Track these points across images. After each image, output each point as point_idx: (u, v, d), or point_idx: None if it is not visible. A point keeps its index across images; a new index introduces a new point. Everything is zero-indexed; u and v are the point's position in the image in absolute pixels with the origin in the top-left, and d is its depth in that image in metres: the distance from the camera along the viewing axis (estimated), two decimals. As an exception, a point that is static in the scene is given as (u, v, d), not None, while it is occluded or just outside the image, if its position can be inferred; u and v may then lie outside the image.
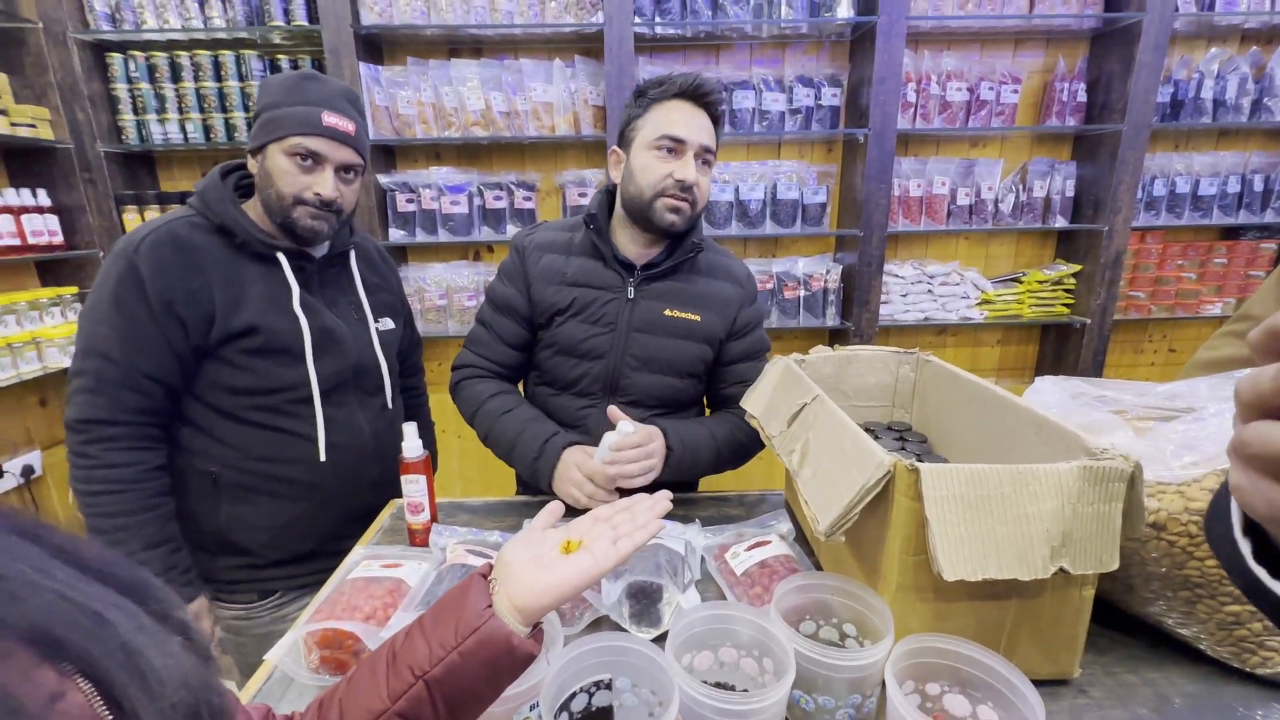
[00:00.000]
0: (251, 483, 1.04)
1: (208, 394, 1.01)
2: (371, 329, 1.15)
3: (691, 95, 1.02)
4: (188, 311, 0.95)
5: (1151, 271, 2.22)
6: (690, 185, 1.02)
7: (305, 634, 0.69)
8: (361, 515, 1.09)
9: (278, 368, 1.01)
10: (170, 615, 0.28)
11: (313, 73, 1.01)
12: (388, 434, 1.15)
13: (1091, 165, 2.13)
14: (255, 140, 0.99)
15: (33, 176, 1.90)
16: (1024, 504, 0.57)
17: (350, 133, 1.00)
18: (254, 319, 0.98)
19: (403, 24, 1.89)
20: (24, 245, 1.79)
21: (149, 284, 0.93)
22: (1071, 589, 0.63)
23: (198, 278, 0.96)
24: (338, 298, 1.12)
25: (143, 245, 0.94)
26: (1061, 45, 2.14)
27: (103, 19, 1.86)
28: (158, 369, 0.95)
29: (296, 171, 0.98)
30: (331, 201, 1.00)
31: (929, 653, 0.58)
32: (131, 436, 0.96)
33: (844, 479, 0.64)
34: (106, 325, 0.93)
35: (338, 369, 1.07)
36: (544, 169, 2.17)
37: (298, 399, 1.04)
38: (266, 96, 0.98)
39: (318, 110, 0.97)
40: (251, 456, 1.03)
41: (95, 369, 0.93)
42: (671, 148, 1.01)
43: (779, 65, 2.13)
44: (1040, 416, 0.70)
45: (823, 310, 2.19)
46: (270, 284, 1.01)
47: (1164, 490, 0.65)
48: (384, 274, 1.23)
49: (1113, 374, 2.43)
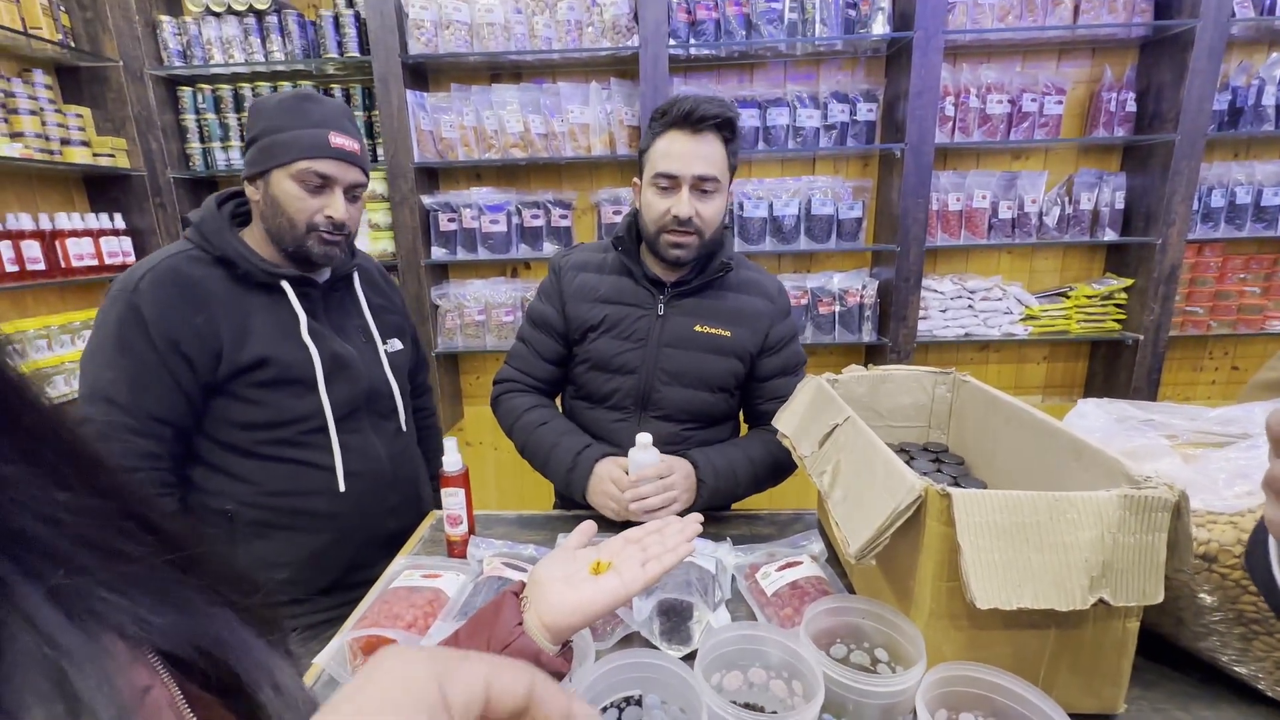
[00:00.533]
0: (269, 518, 1.01)
1: (218, 431, 0.97)
2: (380, 351, 1.12)
3: (685, 123, 0.99)
4: (194, 349, 0.92)
5: (1211, 285, 2.11)
6: (687, 219, 1.02)
7: (350, 639, 0.72)
8: (383, 542, 1.08)
9: (290, 399, 0.99)
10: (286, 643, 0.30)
11: (310, 92, 0.98)
12: (404, 458, 1.15)
13: (1142, 176, 2.05)
14: (255, 166, 0.95)
15: (110, 201, 2.05)
16: (1061, 532, 0.56)
17: (356, 152, 0.98)
18: (263, 351, 0.96)
19: (447, 53, 1.97)
20: (101, 265, 1.93)
21: (152, 324, 0.89)
22: (1114, 620, 0.61)
23: (202, 313, 0.93)
24: (344, 322, 1.09)
25: (142, 284, 0.91)
26: (1108, 54, 2.08)
27: (175, 55, 2.01)
28: (167, 411, 0.92)
29: (306, 196, 0.95)
30: (343, 224, 0.98)
31: (963, 681, 0.57)
32: (145, 483, 0.91)
33: (875, 502, 0.64)
34: (111, 369, 0.89)
35: (350, 395, 1.05)
36: (580, 188, 2.22)
37: (312, 429, 1.01)
38: (263, 120, 0.95)
39: (324, 132, 0.94)
40: (267, 491, 1.00)
41: (103, 415, 0.89)
42: (666, 185, 1.02)
43: (813, 81, 2.14)
44: (1081, 441, 0.69)
45: (859, 326, 2.17)
46: (277, 314, 0.99)
47: (1215, 520, 0.63)
48: (387, 294, 1.21)
49: (1170, 391, 2.32)
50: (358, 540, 1.07)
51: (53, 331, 1.80)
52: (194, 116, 2.08)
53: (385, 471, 1.10)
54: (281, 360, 0.97)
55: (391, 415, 1.15)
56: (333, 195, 0.97)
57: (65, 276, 1.83)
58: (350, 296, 1.13)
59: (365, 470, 1.07)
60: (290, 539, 1.02)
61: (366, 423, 1.09)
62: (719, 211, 1.06)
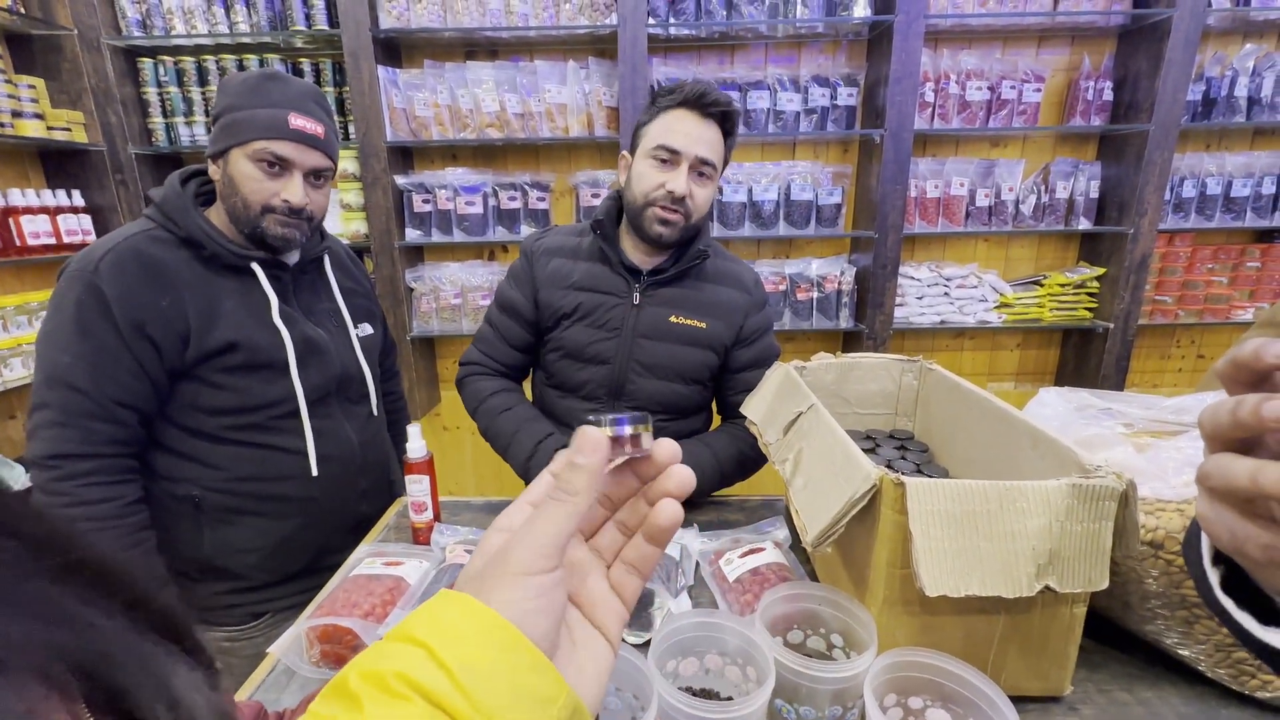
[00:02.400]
0: (237, 504, 0.99)
1: (184, 417, 0.95)
2: (352, 335, 1.11)
3: (696, 105, 1.00)
4: (160, 332, 0.89)
5: (1179, 275, 2.15)
6: (681, 197, 1.01)
7: (307, 629, 0.71)
8: (353, 526, 1.08)
9: (260, 384, 0.97)
10: (198, 646, 0.28)
11: (276, 71, 0.96)
12: (374, 442, 1.15)
13: (1117, 166, 2.07)
14: (216, 144, 0.93)
15: (68, 178, 1.98)
16: (1010, 521, 0.57)
17: (319, 135, 0.95)
18: (232, 335, 0.93)
19: (420, 27, 1.92)
20: (59, 244, 1.86)
21: (115, 305, 0.87)
22: (1062, 606, 0.62)
23: (167, 295, 0.90)
24: (315, 305, 1.07)
25: (103, 264, 0.88)
26: (1087, 43, 2.09)
27: (134, 25, 1.92)
28: (130, 396, 0.89)
29: (262, 178, 0.92)
30: (301, 209, 0.95)
31: (912, 666, 0.58)
32: (106, 470, 0.89)
33: (833, 490, 0.64)
34: (69, 353, 0.86)
35: (322, 380, 1.03)
36: (558, 170, 2.19)
37: (283, 414, 1.00)
38: (226, 97, 0.92)
39: (284, 112, 0.91)
40: (236, 477, 0.98)
41: (61, 401, 0.86)
42: (666, 158, 1.01)
43: (794, 65, 2.11)
44: (1037, 430, 0.69)
45: (836, 312, 2.17)
46: (246, 296, 0.97)
47: (1163, 508, 0.64)
48: (357, 278, 1.20)
49: (1138, 379, 2.37)
50: (329, 525, 1.07)
51: (8, 313, 1.74)
52: (155, 90, 2.00)
53: (356, 456, 1.09)
54: (252, 344, 0.95)
55: (363, 400, 1.14)
56: (290, 179, 0.94)
57: (21, 255, 1.77)
58: (321, 279, 1.11)
59: (336, 455, 1.06)
60: (258, 525, 1.01)
61: (337, 407, 1.08)
62: (708, 200, 1.07)
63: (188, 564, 1.01)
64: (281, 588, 1.06)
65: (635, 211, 1.06)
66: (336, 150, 1.01)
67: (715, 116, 1.01)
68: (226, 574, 1.02)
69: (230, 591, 1.03)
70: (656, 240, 1.06)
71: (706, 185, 1.05)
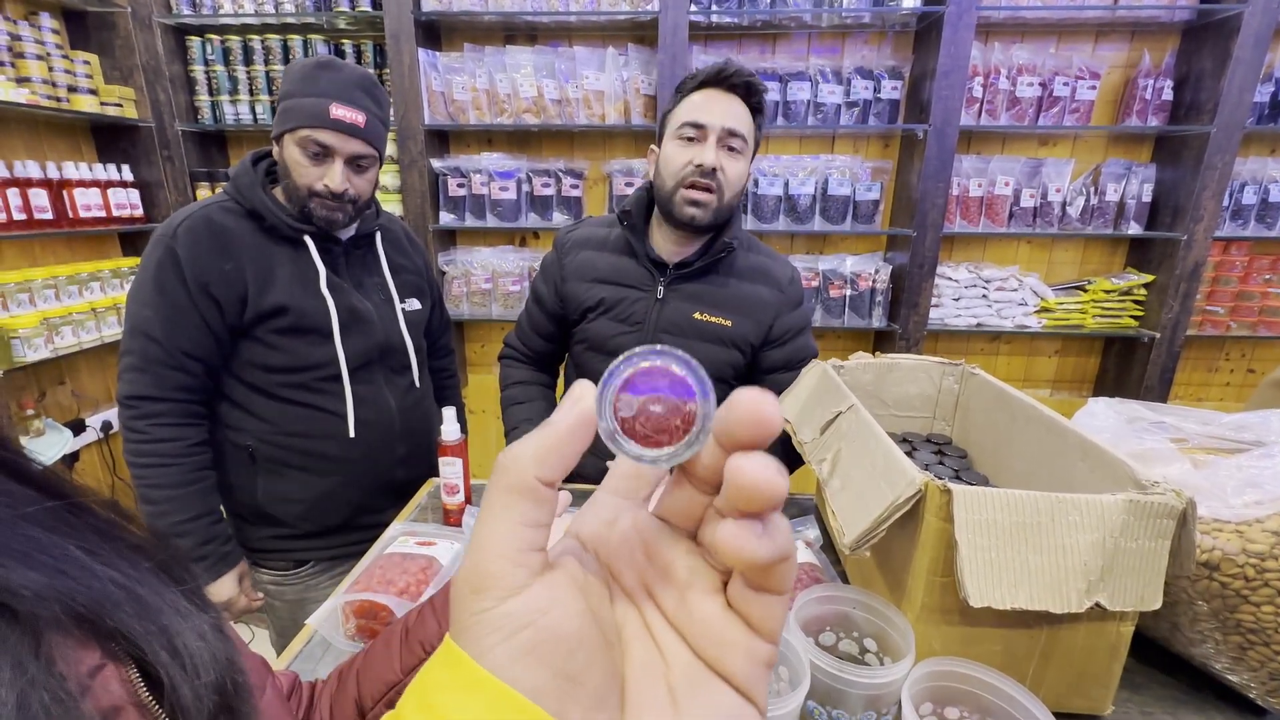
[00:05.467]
0: (285, 457, 1.08)
1: (244, 372, 1.04)
2: (397, 309, 1.17)
3: (717, 81, 1.00)
4: (222, 292, 0.98)
5: (1234, 285, 2.06)
6: (712, 169, 0.98)
7: (344, 603, 0.73)
8: (390, 490, 1.15)
9: (307, 346, 1.04)
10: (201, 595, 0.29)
11: (330, 59, 1.01)
12: (415, 412, 1.20)
13: (1173, 169, 1.98)
14: (276, 128, 1.01)
15: (118, 153, 2.03)
16: (1062, 535, 0.55)
17: (359, 124, 0.99)
18: (283, 299, 1.01)
19: (461, 10, 1.91)
20: (109, 217, 1.92)
21: (186, 267, 0.96)
22: (1109, 623, 0.60)
23: (230, 260, 0.99)
24: (364, 279, 1.14)
25: (179, 230, 0.97)
26: (1148, 38, 1.99)
27: (184, 4, 1.96)
28: (197, 348, 0.99)
29: (307, 163, 0.99)
30: (342, 193, 1.01)
31: (950, 676, 0.57)
32: (175, 413, 1.00)
33: (874, 493, 0.63)
34: (149, 307, 0.97)
35: (365, 348, 1.10)
36: (592, 157, 2.18)
37: (327, 376, 1.07)
38: (286, 84, 0.99)
39: (326, 102, 0.96)
40: (284, 432, 1.07)
41: (141, 348, 0.97)
42: (693, 135, 1.00)
43: (838, 55, 2.06)
44: (1089, 442, 0.67)
45: (869, 311, 2.13)
46: (298, 266, 1.04)
47: (1220, 529, 0.62)
48: (410, 255, 1.25)
49: (1182, 392, 2.28)
50: (366, 485, 1.14)
51: (60, 283, 1.80)
52: (203, 68, 2.04)
53: (395, 423, 1.15)
54: (299, 309, 1.03)
55: (404, 371, 1.19)
56: (332, 165, 1.00)
57: (73, 227, 1.82)
58: (372, 255, 1.17)
59: (375, 420, 1.12)
60: (303, 479, 1.10)
61: (379, 375, 1.14)
62: (741, 177, 1.04)
63: (244, 508, 1.11)
64: (323, 539, 1.15)
65: (665, 198, 1.04)
66: (382, 136, 1.05)
67: (739, 90, 1.00)
68: (275, 520, 1.11)
69: (278, 538, 1.13)
70: (689, 223, 1.03)
71: (738, 160, 1.02)
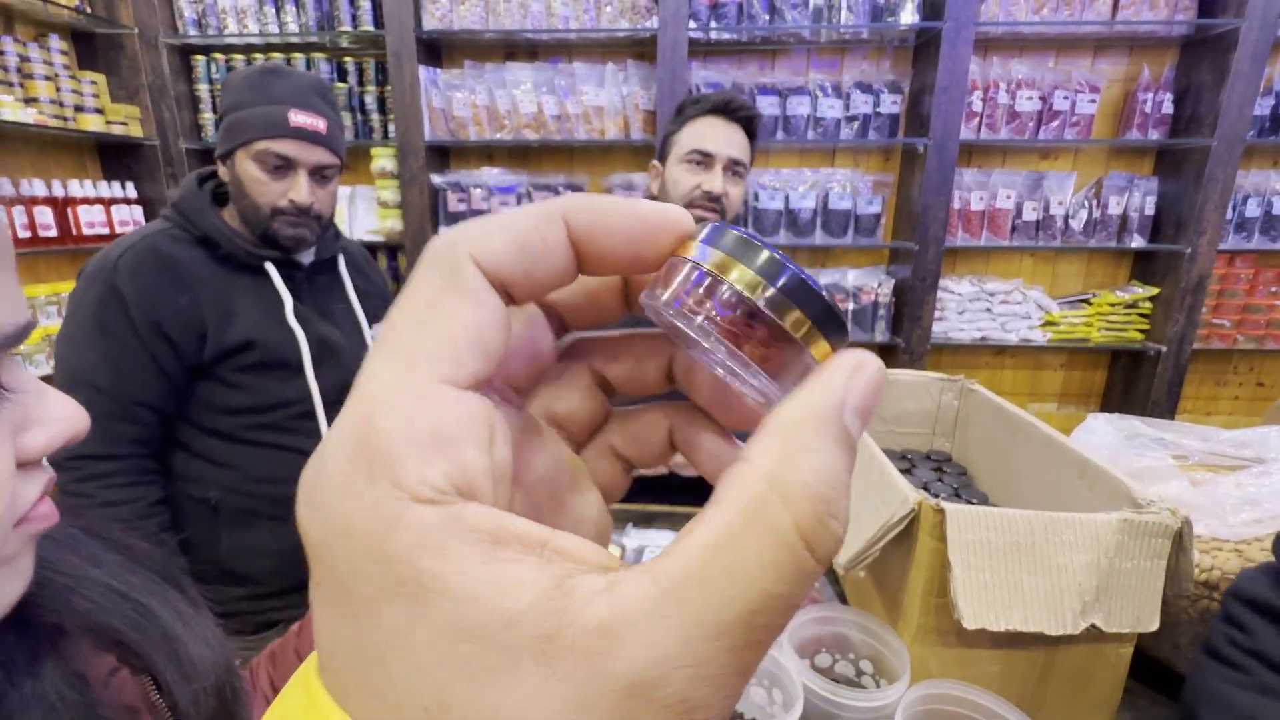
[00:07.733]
0: (253, 506, 0.97)
1: (201, 416, 0.95)
2: (367, 336, 1.09)
3: (724, 111, 1.09)
4: (176, 330, 0.89)
5: (1240, 298, 2.05)
6: (718, 196, 1.08)
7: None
8: None
9: (276, 383, 0.96)
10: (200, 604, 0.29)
11: (277, 65, 0.94)
12: None
13: (1175, 181, 1.98)
14: (222, 145, 0.91)
15: (122, 170, 2.06)
16: (1056, 554, 0.54)
17: (321, 131, 0.92)
18: (248, 334, 0.93)
19: (462, 28, 1.94)
20: (112, 234, 1.94)
21: (132, 304, 0.86)
22: (1107, 645, 0.59)
23: (184, 294, 0.90)
24: (330, 306, 1.06)
25: (120, 263, 0.87)
26: (1147, 53, 2.00)
27: (190, 24, 2.00)
28: (150, 395, 0.89)
29: (267, 179, 0.91)
30: (308, 208, 0.94)
31: (946, 699, 0.56)
32: (128, 471, 0.89)
33: (868, 513, 0.62)
34: (92, 352, 0.86)
35: (338, 380, 1.01)
36: (592, 172, 2.19)
37: (298, 414, 0.98)
38: (230, 96, 0.90)
39: (283, 109, 0.89)
40: (253, 478, 0.96)
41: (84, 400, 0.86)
42: (700, 161, 1.08)
43: (837, 70, 2.08)
44: (1086, 459, 0.66)
45: (872, 325, 2.13)
46: (261, 296, 0.96)
47: (1219, 547, 0.61)
48: (371, 278, 1.18)
49: (1190, 406, 2.26)
50: None
51: (64, 299, 1.82)
52: (207, 86, 2.07)
53: None
54: (267, 343, 0.95)
55: None
56: (296, 178, 0.93)
57: (77, 244, 1.85)
58: (336, 280, 1.10)
59: None
60: (275, 529, 0.99)
61: None
62: (740, 198, 1.14)
63: (205, 567, 0.99)
64: (296, 595, 1.03)
65: None
66: (341, 144, 0.99)
67: (741, 121, 1.10)
68: (243, 579, 1.00)
69: (245, 598, 1.01)
70: None
71: (738, 184, 1.13)
